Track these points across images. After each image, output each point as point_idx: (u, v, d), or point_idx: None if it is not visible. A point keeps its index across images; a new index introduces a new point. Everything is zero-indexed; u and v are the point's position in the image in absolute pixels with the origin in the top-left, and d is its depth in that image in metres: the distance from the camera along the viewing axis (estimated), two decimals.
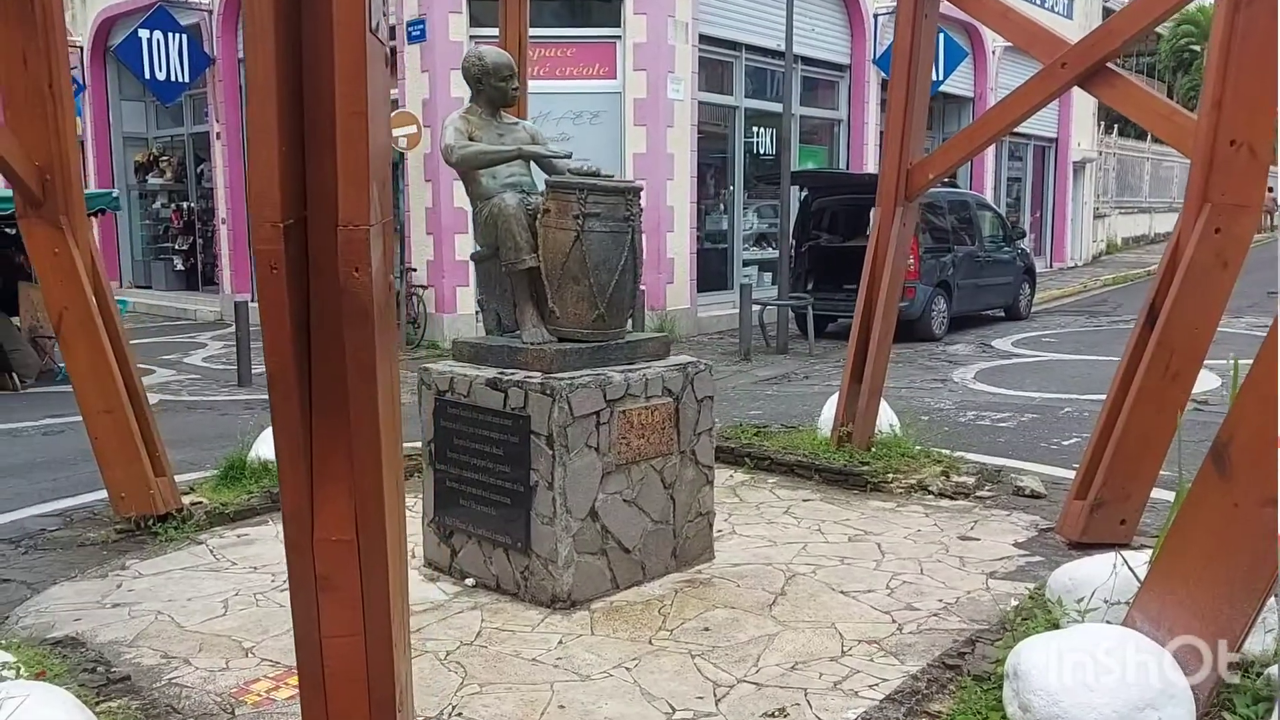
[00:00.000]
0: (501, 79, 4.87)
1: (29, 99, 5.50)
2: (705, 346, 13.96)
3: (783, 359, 12.81)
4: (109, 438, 5.67)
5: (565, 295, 4.51)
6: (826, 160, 18.49)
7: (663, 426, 4.64)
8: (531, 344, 4.53)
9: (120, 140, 21.54)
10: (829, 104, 18.43)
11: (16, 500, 6.63)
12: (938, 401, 9.65)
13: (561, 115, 14.08)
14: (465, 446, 4.64)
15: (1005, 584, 4.61)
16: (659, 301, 14.29)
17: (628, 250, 4.52)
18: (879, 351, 6.77)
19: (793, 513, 5.80)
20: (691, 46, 14.48)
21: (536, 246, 4.53)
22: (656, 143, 14.07)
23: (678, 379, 4.72)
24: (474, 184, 4.81)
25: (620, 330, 4.68)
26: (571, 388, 4.28)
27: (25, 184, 5.47)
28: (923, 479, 6.23)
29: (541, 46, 14.12)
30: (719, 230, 16.54)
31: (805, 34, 16.50)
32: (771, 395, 10.40)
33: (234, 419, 9.56)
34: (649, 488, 4.64)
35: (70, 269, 5.59)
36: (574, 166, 4.81)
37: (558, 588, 4.34)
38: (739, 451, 6.88)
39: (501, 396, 4.46)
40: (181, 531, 5.61)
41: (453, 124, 4.78)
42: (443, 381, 4.72)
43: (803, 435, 7.18)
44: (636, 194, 4.57)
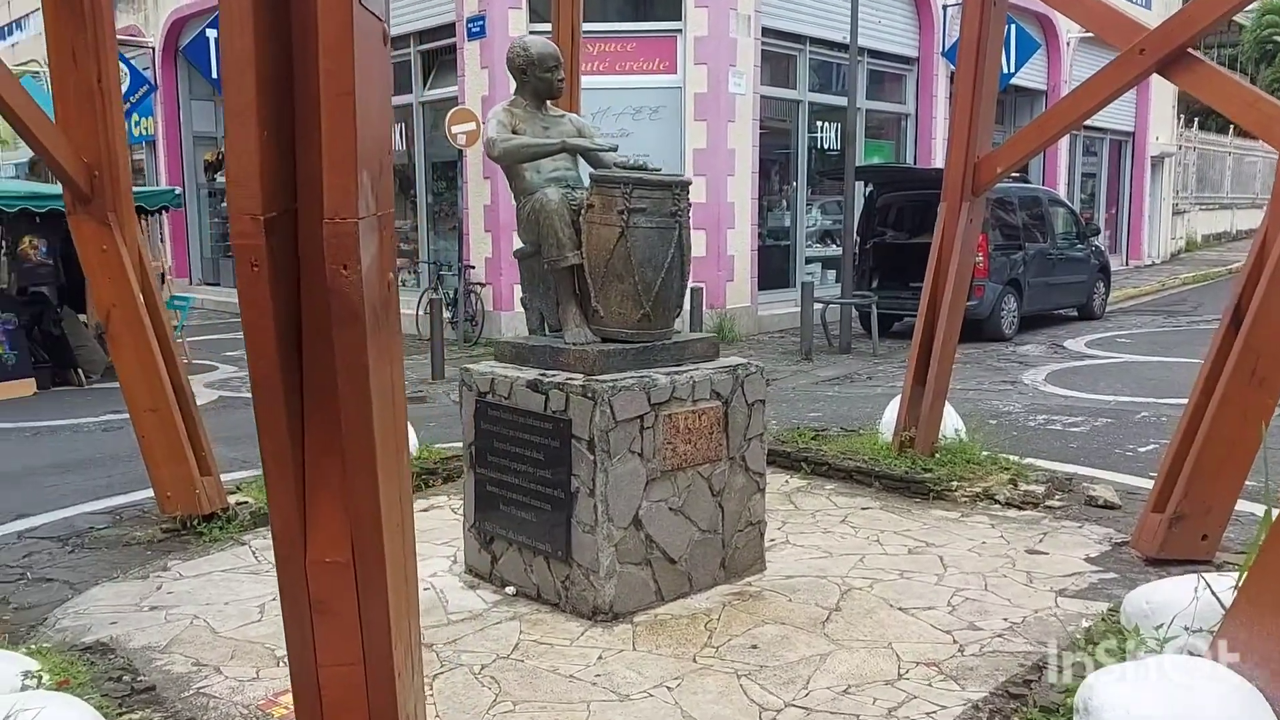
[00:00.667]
0: (546, 70, 4.70)
1: (78, 96, 5.47)
2: (765, 346, 13.71)
3: (845, 359, 12.50)
4: (155, 436, 5.63)
5: (609, 294, 4.33)
6: (893, 155, 18.08)
7: (711, 431, 4.43)
8: (574, 344, 4.36)
9: (190, 139, 21.89)
10: (896, 98, 18.02)
11: (71, 497, 6.64)
12: (1006, 404, 9.29)
13: (621, 110, 13.92)
14: (506, 450, 4.48)
15: (1076, 603, 4.32)
16: (718, 299, 14.06)
17: (675, 247, 4.32)
18: (943, 353, 6.48)
19: (850, 522, 5.55)
20: (754, 40, 14.21)
21: (580, 243, 4.36)
22: (717, 138, 13.83)
23: (727, 381, 4.50)
24: (518, 179, 4.65)
25: (667, 330, 4.48)
26: (614, 390, 4.10)
27: (74, 181, 5.44)
28: (989, 487, 5.94)
29: (602, 41, 13.99)
30: (781, 227, 16.25)
31: (872, 26, 16.13)
32: (832, 396, 10.12)
33: None
34: (696, 495, 4.44)
35: (118, 266, 5.55)
36: (620, 160, 4.63)
37: (599, 599, 4.16)
38: (795, 456, 6.64)
39: (542, 399, 4.29)
40: (226, 532, 5.55)
41: (496, 117, 4.63)
42: (483, 383, 4.57)
43: (863, 439, 6.91)
44: (684, 188, 4.37)
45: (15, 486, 7.02)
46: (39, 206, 10.55)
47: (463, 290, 13.93)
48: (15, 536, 5.73)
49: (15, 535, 5.76)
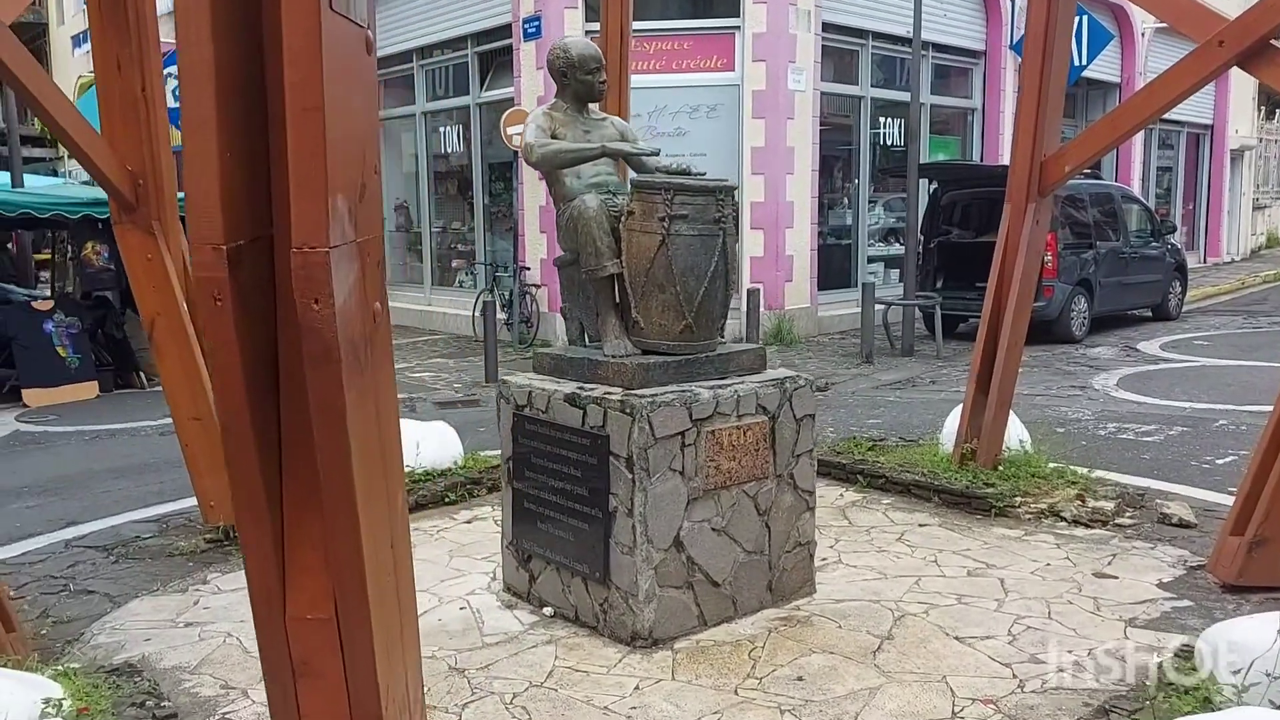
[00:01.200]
0: (588, 72, 4.54)
1: (123, 105, 5.45)
2: (825, 348, 13.43)
3: (908, 362, 12.17)
4: (198, 445, 5.59)
5: (650, 304, 4.15)
6: (959, 151, 17.63)
7: (756, 448, 4.24)
8: (613, 357, 4.19)
9: None
10: (962, 92, 17.56)
11: (122, 503, 6.66)
12: (1075, 411, 8.93)
13: (678, 109, 13.75)
14: (543, 466, 4.33)
15: (1146, 634, 4.05)
16: (777, 301, 13.81)
17: (718, 255, 4.13)
18: (1008, 360, 6.20)
19: (907, 540, 5.31)
20: (814, 35, 13.92)
21: (620, 251, 4.19)
22: (776, 136, 13.57)
23: (774, 395, 4.30)
24: (557, 185, 4.50)
25: (710, 342, 4.30)
26: (653, 406, 3.93)
27: (118, 190, 5.42)
28: (1054, 503, 5.65)
29: (658, 40, 13.82)
30: (843, 225, 15.92)
31: (936, 19, 15.72)
32: (893, 402, 9.83)
33: None
34: (741, 515, 4.24)
35: (162, 275, 5.52)
36: (664, 164, 4.45)
37: (638, 624, 3.99)
38: (851, 468, 6.40)
39: (580, 413, 4.13)
40: None
41: (534, 121, 4.48)
42: (521, 395, 4.43)
43: (922, 451, 6.65)
44: (729, 194, 4.18)
45: (71, 492, 7.07)
46: (101, 213, 10.67)
47: (517, 292, 13.86)
48: (63, 545, 5.75)
49: (63, 544, 5.77)
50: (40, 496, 6.97)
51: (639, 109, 13.84)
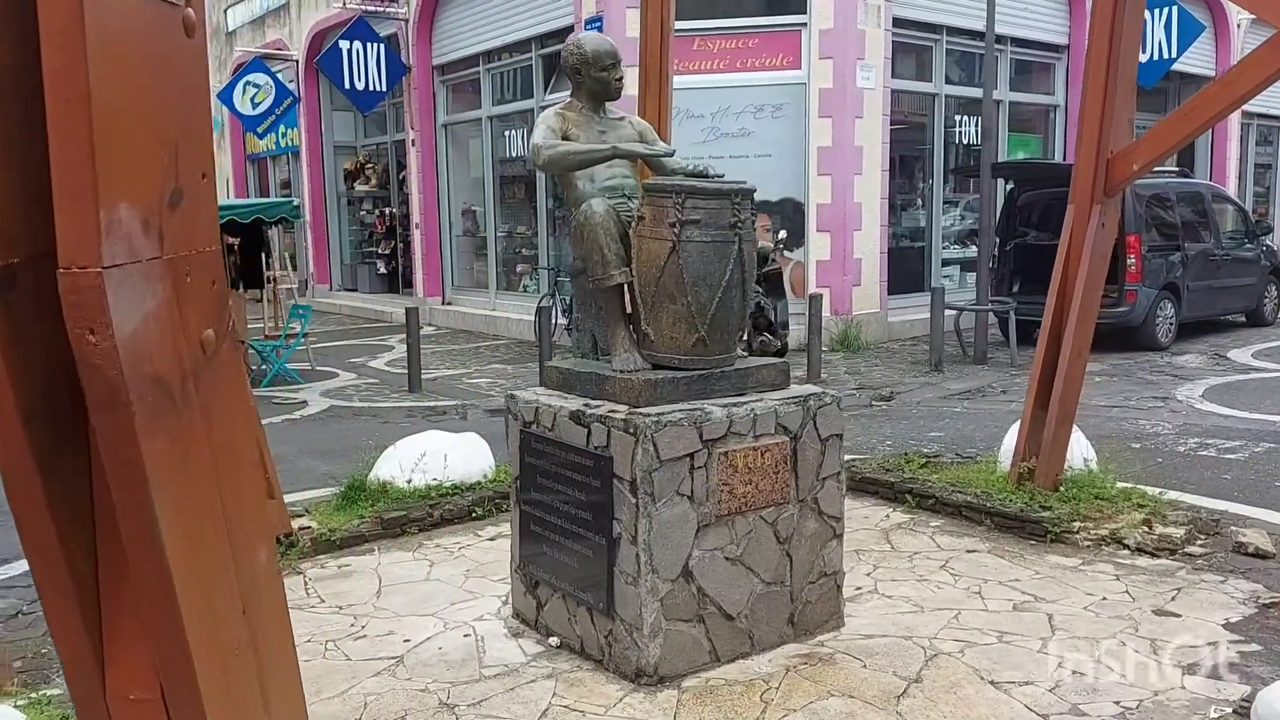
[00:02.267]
0: (602, 69, 4.28)
1: None
2: (894, 355, 12.96)
3: (979, 370, 11.66)
4: None
5: (660, 315, 3.88)
6: (1040, 150, 16.95)
7: (776, 470, 3.93)
8: (620, 372, 3.93)
9: (331, 149, 22.41)
10: (1044, 88, 16.88)
11: None
12: (1154, 424, 8.38)
13: (742, 109, 13.43)
14: (549, 487, 4.08)
15: (1207, 685, 3.64)
16: (844, 306, 13.38)
17: (734, 263, 3.83)
18: (1070, 372, 5.77)
19: (951, 568, 4.94)
20: (884, 31, 13.46)
21: (629, 259, 3.92)
22: (843, 135, 13.15)
23: (795, 414, 3.99)
24: (570, 188, 4.25)
25: (726, 356, 4.00)
26: (658, 425, 3.65)
27: None
28: (1117, 529, 5.22)
29: (722, 38, 13.53)
30: (916, 227, 15.41)
31: (1016, 13, 15.13)
32: (960, 413, 9.38)
33: (394, 427, 9.43)
34: (758, 543, 3.94)
35: None
36: (682, 166, 4.17)
37: (643, 659, 3.72)
38: (899, 487, 6.03)
39: (585, 432, 3.88)
40: (285, 559, 5.34)
41: (545, 121, 4.23)
42: (528, 411, 4.19)
43: (977, 469, 6.25)
44: (745, 197, 3.88)
45: None
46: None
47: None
48: None
49: None
50: None
51: (702, 109, 13.60)
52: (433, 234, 18.23)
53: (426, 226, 18.23)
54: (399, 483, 6.00)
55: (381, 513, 5.71)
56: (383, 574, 5.07)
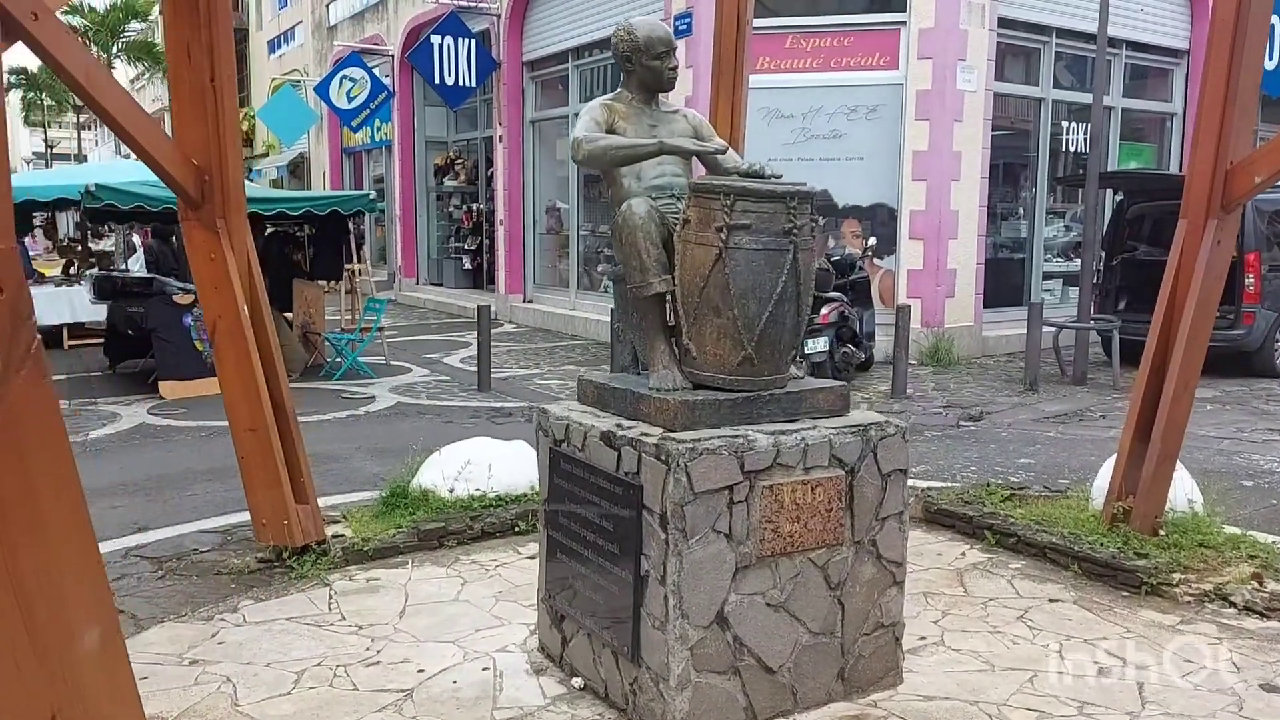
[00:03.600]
0: (654, 57, 3.91)
1: (192, 95, 5.17)
2: (987, 371, 12.31)
3: (1078, 392, 10.95)
4: (254, 458, 5.26)
5: (703, 329, 3.49)
6: (1154, 160, 16.02)
7: (828, 508, 3.50)
8: (656, 390, 3.54)
9: (423, 144, 22.49)
10: (1160, 95, 15.95)
11: (201, 509, 6.44)
12: (1269, 461, 7.67)
13: (835, 110, 12.92)
14: (576, 513, 3.72)
15: None
16: (936, 318, 12.76)
17: (788, 274, 3.42)
18: (1175, 406, 5.19)
19: (1030, 619, 4.43)
20: (988, 31, 12.80)
21: (672, 266, 3.54)
22: (941, 139, 12.54)
23: (853, 445, 3.56)
24: (615, 186, 3.89)
25: (776, 377, 3.58)
26: (693, 454, 3.26)
27: (182, 185, 5.14)
28: (1223, 583, 4.64)
29: (816, 36, 13.05)
30: (1016, 238, 14.67)
31: (1131, 15, 14.29)
32: (1054, 438, 8.75)
33: (456, 427, 9.20)
34: (805, 589, 3.52)
35: (224, 276, 5.21)
36: (738, 165, 3.77)
37: (669, 713, 3.33)
38: (978, 522, 5.51)
39: (615, 456, 3.51)
40: (316, 568, 5.09)
41: (589, 112, 3.88)
42: (558, 429, 3.83)
43: (1067, 505, 5.69)
44: (803, 200, 3.46)
45: (161, 493, 6.94)
46: None
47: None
48: (122, 554, 5.51)
49: (123, 552, 5.54)
50: (130, 496, 6.85)
51: (793, 110, 13.12)
52: (516, 231, 18.09)
53: (510, 223, 18.09)
54: (440, 492, 5.71)
55: (419, 523, 5.43)
56: (410, 591, 4.78)
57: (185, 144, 5.19)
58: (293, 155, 30.02)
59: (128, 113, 4.87)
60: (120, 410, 10.01)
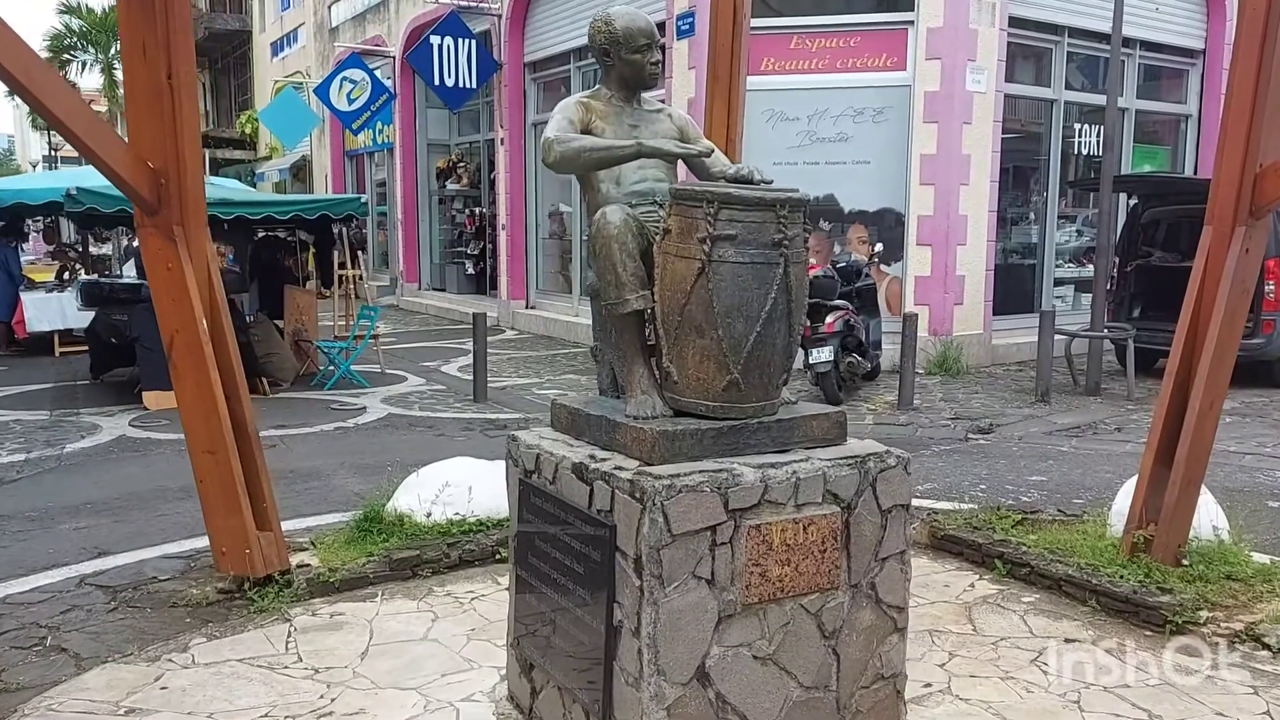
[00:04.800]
0: (635, 50, 3.57)
1: (148, 94, 4.86)
2: (997, 381, 11.94)
3: (1091, 403, 10.57)
4: (212, 482, 4.94)
5: (685, 351, 3.14)
6: (1168, 163, 15.62)
7: (822, 549, 3.15)
8: (633, 418, 3.20)
9: (425, 146, 22.20)
10: (1175, 96, 15.55)
11: (168, 531, 6.11)
12: None
13: (840, 112, 12.57)
14: (546, 553, 3.38)
15: None
16: (944, 326, 12.39)
17: (778, 290, 3.07)
18: (1200, 427, 4.84)
19: (1045, 663, 4.07)
20: (999, 30, 12.43)
21: (651, 280, 3.20)
22: (949, 142, 12.17)
23: (849, 479, 3.21)
24: (592, 192, 3.55)
25: (765, 404, 3.23)
26: (670, 491, 2.91)
27: (136, 190, 4.82)
28: (1254, 623, 4.28)
29: (822, 36, 12.70)
30: (1027, 243, 14.28)
31: (1145, 14, 13.91)
32: (1067, 453, 8.38)
33: (447, 441, 8.89)
34: (796, 638, 3.17)
35: (181, 288, 4.89)
36: (724, 170, 3.43)
37: None
38: (988, 550, 5.16)
39: (587, 491, 3.16)
40: (278, 601, 4.76)
41: (563, 110, 3.54)
42: (529, 458, 3.49)
43: (1084, 530, 5.33)
44: (795, 208, 3.11)
45: (129, 513, 6.61)
46: (225, 213, 10.45)
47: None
48: (76, 582, 5.20)
49: (77, 580, 5.23)
50: (97, 516, 6.53)
51: (797, 112, 12.77)
52: (519, 235, 17.77)
53: (513, 227, 17.78)
54: (417, 516, 5.38)
55: (392, 551, 5.10)
56: (376, 628, 4.44)
57: (141, 146, 4.88)
58: (295, 158, 29.78)
59: (75, 113, 4.58)
60: (101, 421, 9.71)
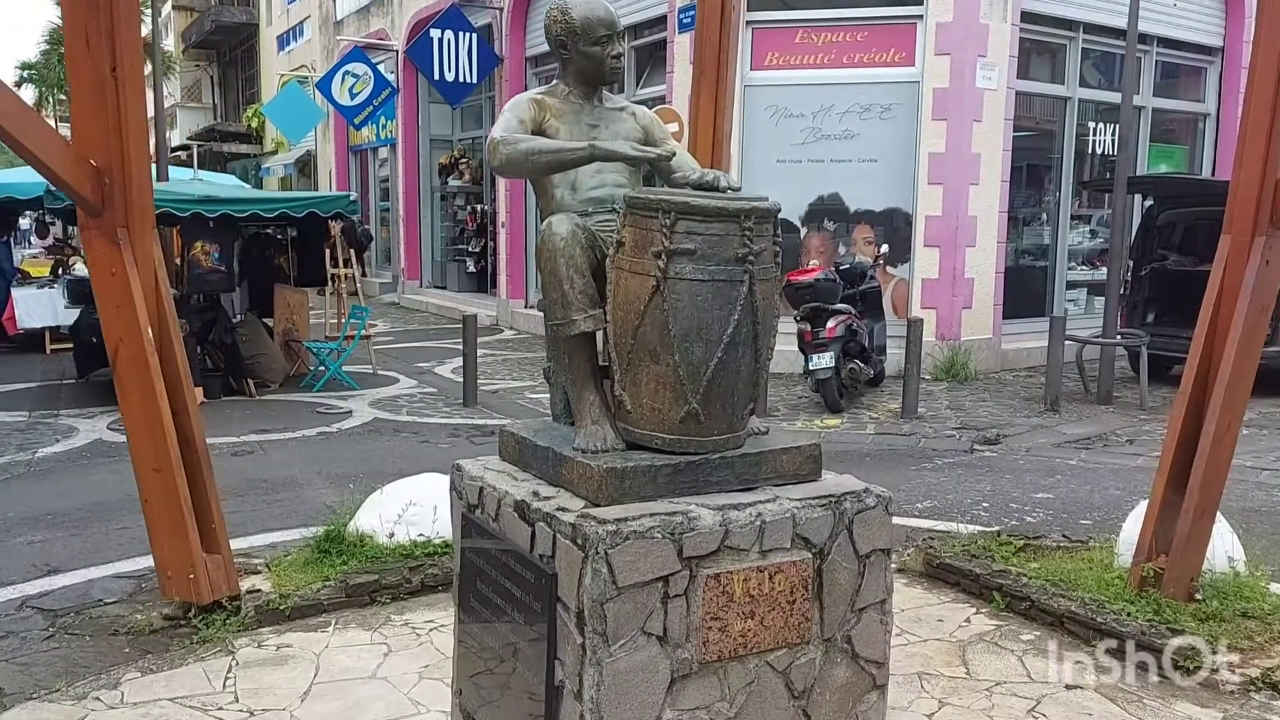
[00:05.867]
0: (593, 42, 3.24)
1: (91, 87, 4.56)
2: (1006, 387, 11.58)
3: (1102, 413, 10.19)
4: (157, 502, 4.63)
5: (639, 377, 2.82)
6: (1185, 163, 15.20)
7: (790, 600, 2.82)
8: (581, 452, 2.87)
9: (428, 142, 21.90)
10: (1193, 95, 15.13)
11: (126, 546, 5.82)
12: None
13: (847, 109, 12.20)
14: (487, 598, 3.07)
15: None
16: (951, 330, 12.02)
17: (741, 311, 2.74)
18: (1216, 451, 4.49)
19: (1044, 712, 3.74)
20: (1010, 25, 12.05)
21: (602, 299, 2.88)
22: (959, 140, 11.80)
23: (822, 521, 2.87)
24: (544, 198, 3.23)
25: (727, 437, 2.90)
26: (616, 537, 2.59)
27: (76, 190, 4.52)
28: (1273, 668, 3.93)
29: (828, 30, 12.33)
30: (1038, 245, 13.89)
31: (1162, 10, 13.49)
32: (1075, 467, 8.03)
33: (431, 448, 8.60)
34: (761, 700, 2.84)
35: (125, 295, 4.58)
36: (690, 176, 3.08)
37: None
38: (986, 580, 4.82)
39: (529, 532, 2.84)
40: (224, 629, 4.46)
41: (513, 108, 3.22)
42: (472, 491, 3.18)
43: (1088, 560, 4.99)
44: (762, 219, 2.78)
45: (90, 525, 6.33)
46: (211, 211, 10.16)
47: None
48: (17, 605, 4.92)
49: (19, 603, 4.95)
50: (54, 529, 6.25)
51: (802, 109, 12.40)
52: (518, 233, 17.47)
53: (512, 225, 17.48)
54: (379, 537, 5.07)
55: (349, 575, 4.79)
56: (324, 663, 4.13)
57: (84, 143, 4.58)
58: (300, 153, 29.55)
59: (6, 109, 4.27)
60: (79, 424, 9.44)
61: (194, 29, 39.79)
